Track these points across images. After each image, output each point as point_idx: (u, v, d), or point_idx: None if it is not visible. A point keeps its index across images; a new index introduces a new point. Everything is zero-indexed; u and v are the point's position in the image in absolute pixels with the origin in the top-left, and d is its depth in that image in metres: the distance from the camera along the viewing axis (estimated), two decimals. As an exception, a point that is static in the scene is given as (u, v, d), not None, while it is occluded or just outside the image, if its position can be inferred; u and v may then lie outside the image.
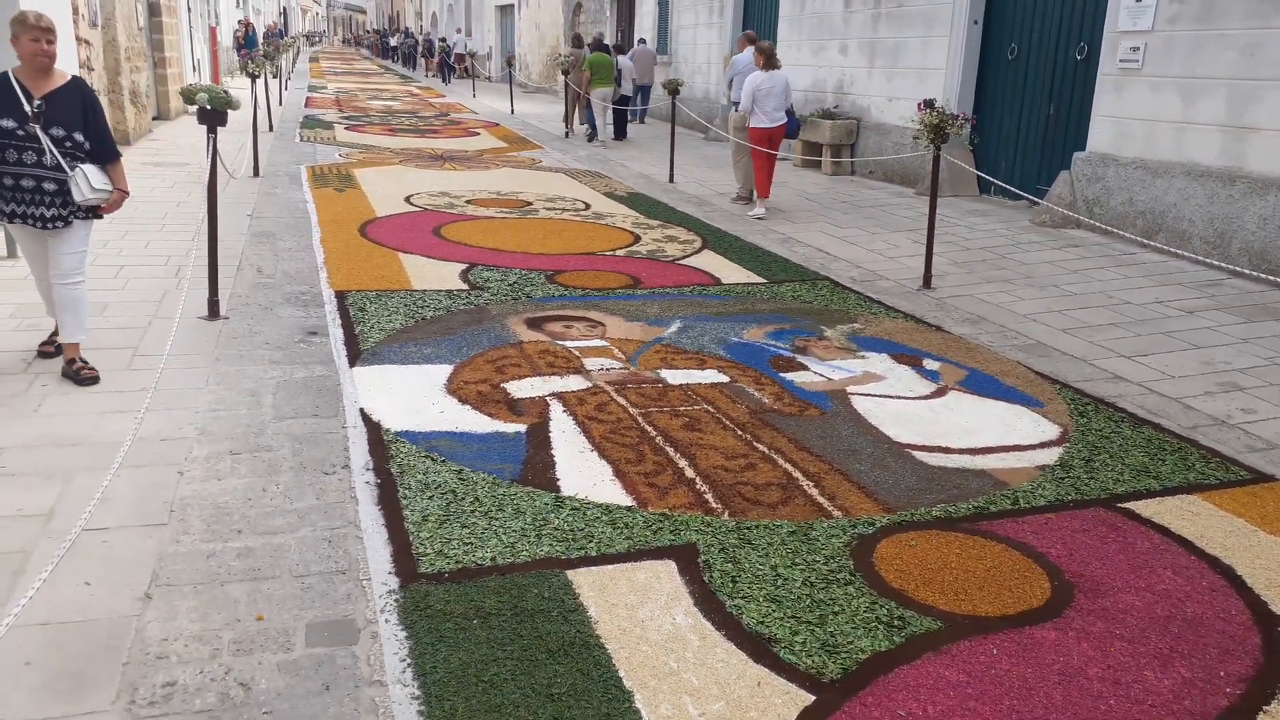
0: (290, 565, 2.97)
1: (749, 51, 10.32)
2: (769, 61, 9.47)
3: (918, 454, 4.09)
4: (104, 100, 11.33)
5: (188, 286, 4.83)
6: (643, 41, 19.65)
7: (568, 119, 16.93)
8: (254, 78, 11.58)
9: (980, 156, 10.63)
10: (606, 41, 18.44)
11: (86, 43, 10.53)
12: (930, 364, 5.28)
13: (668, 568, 3.08)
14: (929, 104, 6.44)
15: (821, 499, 3.61)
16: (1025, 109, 10.05)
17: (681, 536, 3.27)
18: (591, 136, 15.61)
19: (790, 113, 9.80)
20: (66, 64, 9.77)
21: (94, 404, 4.12)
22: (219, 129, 5.30)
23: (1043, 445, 4.24)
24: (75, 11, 10.04)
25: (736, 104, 9.91)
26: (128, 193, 4.54)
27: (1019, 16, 10.09)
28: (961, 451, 4.13)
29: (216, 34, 22.29)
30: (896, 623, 2.84)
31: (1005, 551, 3.30)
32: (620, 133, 16.10)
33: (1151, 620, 2.91)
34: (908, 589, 3.02)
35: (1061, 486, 3.81)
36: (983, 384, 5.00)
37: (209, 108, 5.00)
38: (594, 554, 3.14)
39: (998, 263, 7.73)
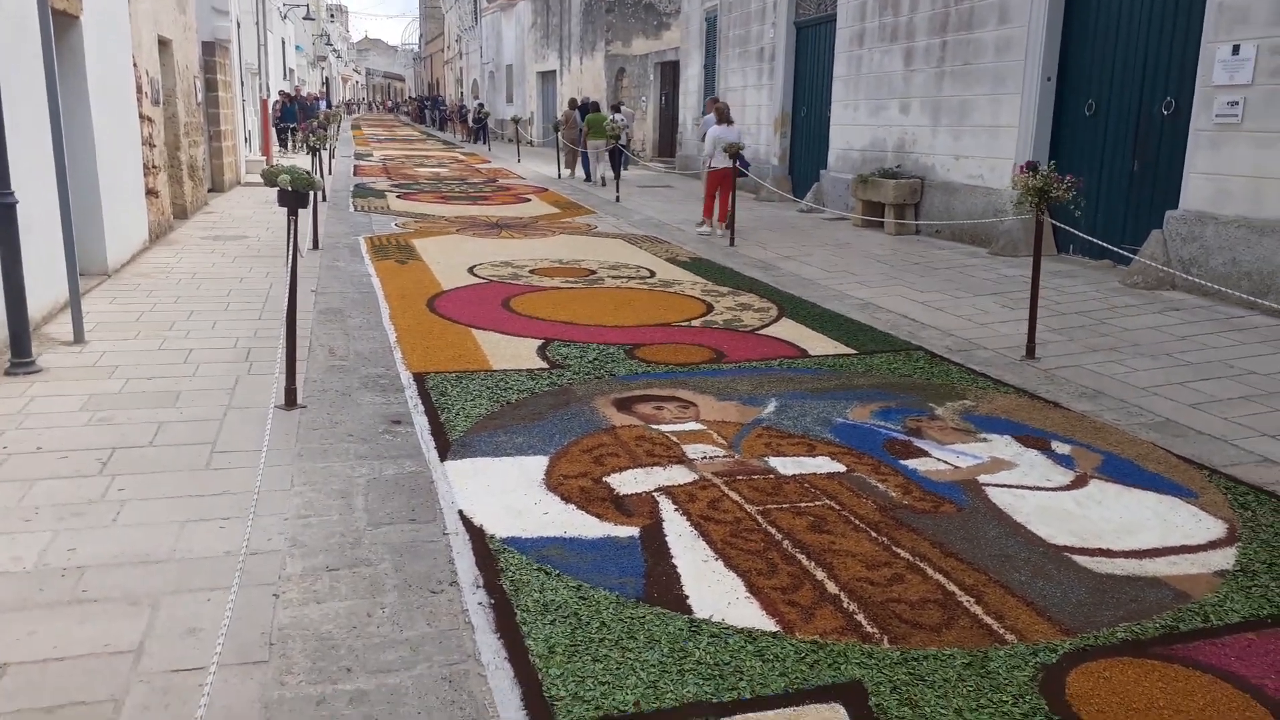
0: (410, 714, 2.61)
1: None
2: (723, 118, 12.33)
3: (1078, 558, 3.67)
4: (163, 175, 11.29)
5: (261, 373, 4.54)
6: (619, 107, 22.90)
7: (569, 165, 21.00)
8: (314, 150, 11.51)
9: (1056, 214, 10.22)
10: (595, 102, 22.73)
11: (149, 120, 10.53)
12: (1060, 447, 4.87)
13: (836, 713, 2.68)
14: (1031, 166, 6.10)
15: (988, 619, 3.20)
16: (1106, 166, 9.68)
17: (843, 672, 2.87)
18: (587, 179, 19.61)
19: (741, 158, 11.86)
20: (129, 142, 9.75)
21: (174, 511, 3.82)
22: (290, 207, 5.05)
23: (1213, 545, 3.80)
24: (140, 90, 10.04)
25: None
26: None
27: (1095, 72, 9.78)
28: (1126, 555, 3.71)
29: (268, 106, 22.58)
30: (1122, 785, 2.42)
31: (1215, 684, 2.87)
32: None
33: None
34: (1121, 738, 2.60)
35: (1251, 598, 3.37)
36: (1123, 470, 4.58)
37: (290, 189, 4.77)
38: (748, 695, 2.74)
39: (1098, 329, 7.31)
